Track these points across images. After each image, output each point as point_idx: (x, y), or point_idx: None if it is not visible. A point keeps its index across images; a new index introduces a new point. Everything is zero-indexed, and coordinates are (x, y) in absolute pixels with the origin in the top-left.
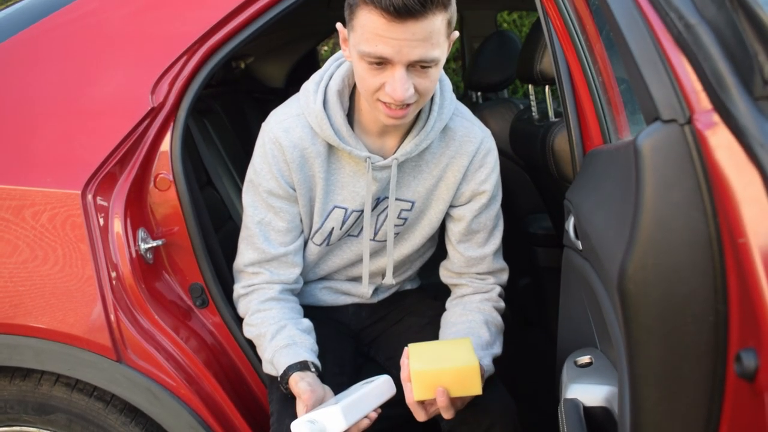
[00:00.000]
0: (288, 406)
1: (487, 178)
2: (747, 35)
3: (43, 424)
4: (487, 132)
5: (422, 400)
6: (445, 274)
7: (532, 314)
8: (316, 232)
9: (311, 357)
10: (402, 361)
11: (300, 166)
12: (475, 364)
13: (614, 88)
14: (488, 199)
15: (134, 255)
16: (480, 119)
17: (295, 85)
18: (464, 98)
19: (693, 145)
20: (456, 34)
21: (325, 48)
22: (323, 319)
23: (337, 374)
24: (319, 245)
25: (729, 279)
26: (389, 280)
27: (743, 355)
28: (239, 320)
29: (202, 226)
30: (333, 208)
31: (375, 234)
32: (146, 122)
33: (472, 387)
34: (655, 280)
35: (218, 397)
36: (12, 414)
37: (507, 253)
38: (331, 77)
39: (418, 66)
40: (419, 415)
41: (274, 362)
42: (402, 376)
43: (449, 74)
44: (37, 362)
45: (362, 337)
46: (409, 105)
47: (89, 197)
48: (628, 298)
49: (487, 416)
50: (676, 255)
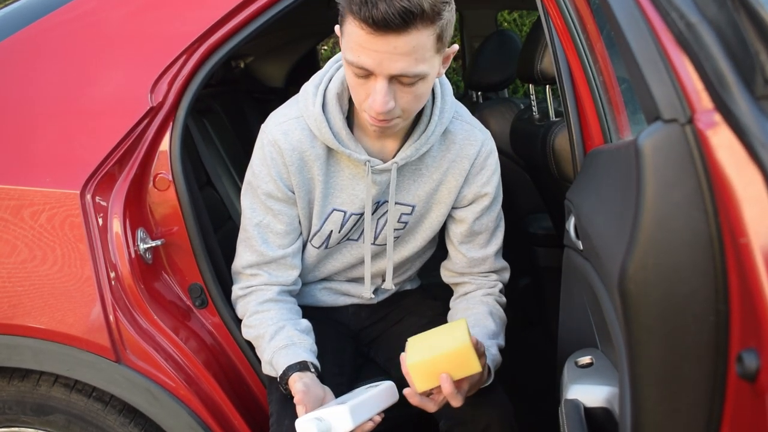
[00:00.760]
0: (288, 406)
1: (489, 180)
2: (748, 34)
3: (42, 424)
4: (488, 134)
5: (427, 390)
6: (447, 275)
7: (532, 314)
8: (315, 234)
9: (310, 357)
10: (401, 356)
11: (299, 169)
12: (467, 343)
13: (615, 88)
14: (490, 201)
15: (133, 255)
16: (480, 119)
17: (294, 85)
18: (464, 98)
19: (694, 145)
20: (455, 47)
21: (325, 48)
22: (323, 319)
23: (336, 374)
24: (318, 248)
25: (730, 279)
26: (389, 284)
27: (744, 356)
28: (238, 321)
29: (201, 226)
30: (332, 211)
31: (375, 238)
32: (145, 122)
33: (470, 366)
34: (655, 280)
35: (218, 398)
36: (10, 415)
37: (507, 253)
38: (330, 80)
39: (402, 79)
40: (429, 407)
41: (273, 363)
42: (403, 371)
43: (449, 74)
44: (36, 363)
45: (362, 338)
46: (392, 118)
47: (88, 197)
48: (628, 298)
49: (485, 417)
50: (677, 255)
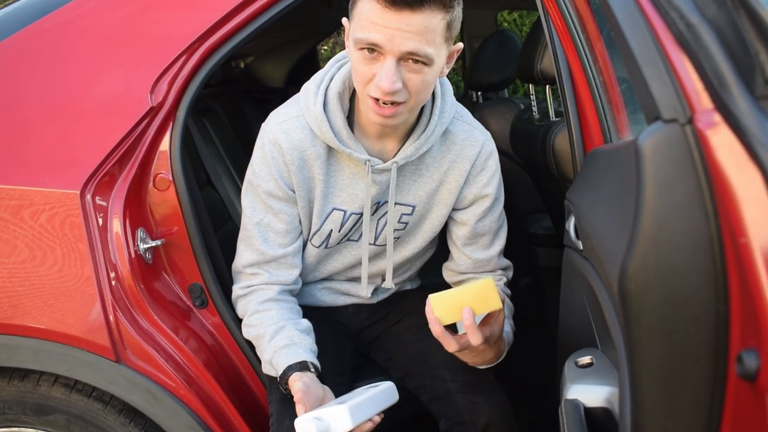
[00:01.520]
0: (288, 406)
1: (489, 181)
2: (748, 34)
3: (42, 424)
4: (488, 135)
5: (447, 324)
6: (450, 275)
7: (532, 314)
8: (315, 233)
9: (310, 357)
10: (426, 311)
11: (299, 168)
12: (488, 279)
13: (615, 88)
14: (491, 203)
15: (133, 255)
16: (480, 119)
17: (294, 84)
18: (464, 98)
19: (694, 145)
20: (460, 46)
21: (325, 48)
22: (323, 319)
23: (336, 374)
24: (318, 247)
25: (730, 279)
26: (389, 284)
27: (744, 356)
28: (239, 321)
29: (201, 226)
30: (332, 210)
31: (375, 238)
32: (145, 122)
33: (491, 302)
34: (655, 281)
35: (218, 398)
36: (10, 415)
37: (507, 253)
38: (332, 79)
39: (410, 61)
40: (449, 343)
41: (273, 363)
42: (432, 328)
43: (449, 74)
44: (36, 363)
45: (362, 338)
46: (397, 104)
47: (88, 197)
48: (628, 299)
49: (484, 417)
50: (677, 255)
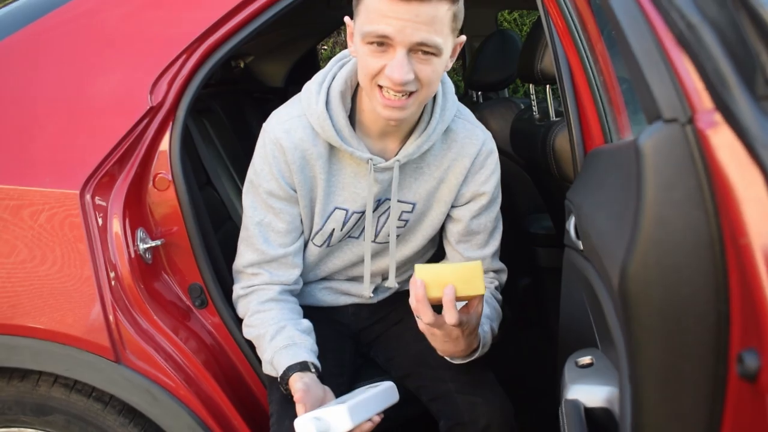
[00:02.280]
0: (288, 406)
1: (488, 179)
2: (749, 35)
3: (42, 425)
4: (488, 134)
5: (429, 298)
6: None
7: (532, 314)
8: (317, 233)
9: (311, 357)
10: (411, 281)
11: (301, 168)
12: (478, 264)
13: (615, 88)
14: (488, 201)
15: (133, 255)
16: (480, 119)
17: (294, 84)
18: (464, 98)
19: (695, 145)
20: (463, 38)
21: (325, 48)
22: (323, 319)
23: (336, 375)
24: (320, 246)
25: (730, 279)
26: (392, 282)
27: (745, 356)
28: (239, 321)
29: (201, 226)
30: (334, 210)
31: (376, 235)
32: (145, 122)
33: (475, 285)
34: (656, 281)
35: (217, 398)
36: (10, 415)
37: (507, 253)
38: (333, 78)
39: (419, 52)
40: (426, 315)
41: (273, 363)
42: (412, 293)
43: (450, 74)
44: (35, 363)
45: (362, 338)
46: (407, 96)
47: (88, 197)
48: (629, 299)
49: (484, 417)
50: (678, 255)
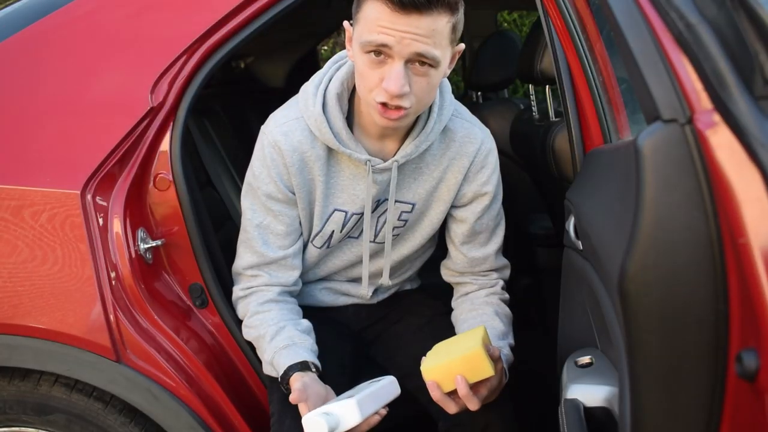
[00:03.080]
0: (289, 406)
1: (489, 179)
2: (747, 35)
3: (42, 424)
4: (487, 132)
5: (446, 392)
6: (448, 273)
7: (532, 314)
8: (317, 235)
9: (311, 357)
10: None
11: (299, 170)
12: (478, 348)
13: (615, 88)
14: (490, 200)
15: (134, 255)
16: (480, 119)
17: (295, 85)
18: (464, 98)
19: (694, 145)
20: (461, 47)
21: (325, 48)
22: (323, 319)
23: (337, 374)
24: (320, 248)
25: (729, 279)
26: (386, 281)
27: (744, 356)
28: (239, 321)
29: (201, 226)
30: (333, 212)
31: (375, 236)
32: (146, 122)
33: (482, 370)
34: (655, 281)
35: (218, 398)
36: (11, 414)
37: (507, 253)
38: (330, 80)
39: (417, 63)
40: (449, 407)
41: (273, 363)
42: (431, 393)
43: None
44: (36, 362)
45: (362, 338)
46: (403, 108)
47: (88, 197)
48: (628, 298)
49: (483, 417)
50: (677, 255)
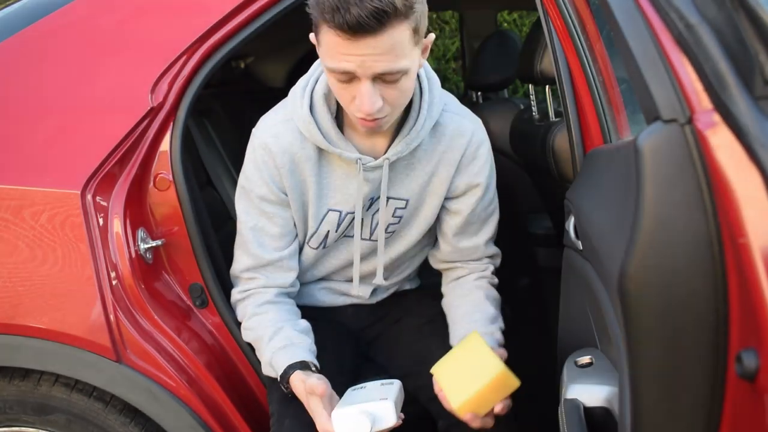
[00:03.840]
0: (288, 406)
1: (481, 170)
2: (747, 35)
3: (43, 424)
4: (478, 123)
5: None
6: (435, 261)
7: (532, 314)
8: (312, 236)
9: (310, 357)
10: (437, 391)
11: (291, 172)
12: (502, 370)
13: (615, 88)
14: (483, 191)
15: (134, 255)
16: (480, 119)
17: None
18: (464, 98)
19: (693, 145)
20: (432, 36)
21: None
22: (322, 319)
23: (336, 374)
24: (316, 249)
25: (729, 279)
26: (379, 280)
27: (744, 356)
28: (239, 321)
29: (201, 226)
30: (327, 212)
31: (371, 234)
32: (146, 122)
33: (510, 386)
34: (655, 281)
35: (218, 398)
36: (11, 414)
37: (507, 253)
38: (317, 81)
39: (385, 78)
40: (490, 424)
41: (273, 364)
42: (446, 406)
43: (449, 74)
44: (37, 362)
45: (361, 338)
46: (380, 118)
47: (89, 197)
48: (628, 298)
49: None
50: (677, 255)
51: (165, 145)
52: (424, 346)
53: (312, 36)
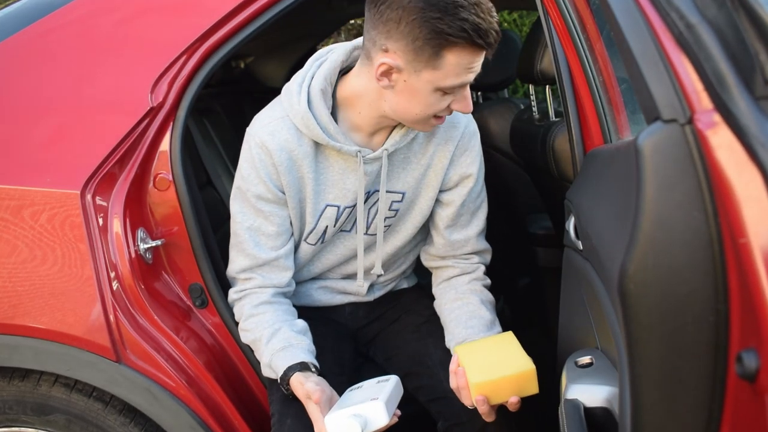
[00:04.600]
0: (289, 406)
1: (473, 161)
2: (748, 35)
3: (42, 424)
4: (469, 116)
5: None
6: (428, 258)
7: (532, 314)
8: (311, 232)
9: (309, 358)
10: (453, 368)
11: (288, 169)
12: (531, 369)
13: (615, 88)
14: (474, 182)
15: (133, 255)
16: (480, 119)
17: None
18: None
19: (694, 145)
20: None
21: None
22: (320, 319)
23: (337, 374)
24: (314, 245)
25: (730, 279)
26: (378, 270)
27: (744, 356)
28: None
29: (201, 226)
30: (325, 207)
31: (367, 227)
32: (146, 122)
33: (530, 388)
34: (655, 280)
35: (218, 398)
36: (11, 414)
37: (507, 253)
38: (313, 77)
39: None
40: (492, 418)
41: (272, 366)
42: (453, 384)
43: None
44: (36, 362)
45: (360, 337)
46: None
47: (88, 197)
48: (628, 298)
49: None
50: (677, 255)
51: (165, 145)
52: (422, 346)
53: (388, 59)
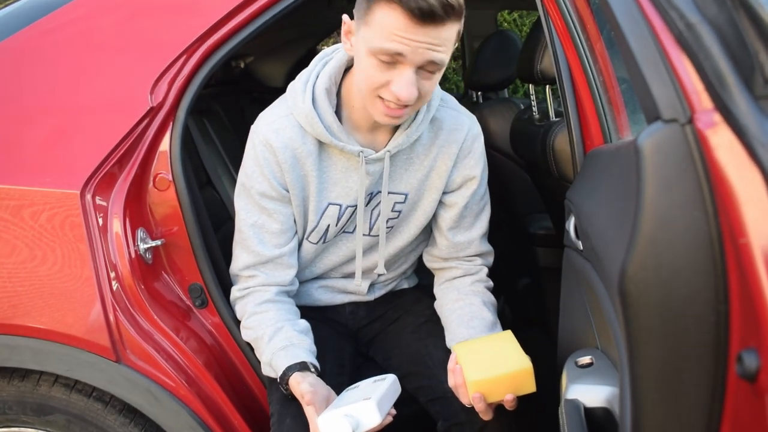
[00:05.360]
0: (288, 406)
1: (477, 163)
2: (748, 34)
3: (42, 424)
4: (473, 118)
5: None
6: (431, 259)
7: (532, 314)
8: (313, 230)
9: (310, 358)
10: (451, 366)
11: (292, 167)
12: (528, 367)
13: (615, 88)
14: (477, 184)
15: (133, 255)
16: (480, 119)
17: None
18: (464, 98)
19: (694, 145)
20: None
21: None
22: (321, 319)
23: (337, 374)
24: (316, 244)
25: (730, 279)
26: (381, 269)
27: (744, 356)
28: (239, 321)
29: (201, 226)
30: (327, 206)
31: (370, 229)
32: (145, 122)
33: (527, 386)
34: (655, 281)
35: (218, 398)
36: (11, 415)
37: (507, 253)
38: (318, 76)
39: (426, 69)
40: (489, 417)
41: (272, 364)
42: (451, 383)
43: (449, 74)
44: (36, 363)
45: (360, 337)
46: (407, 106)
47: (88, 197)
48: (628, 299)
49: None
50: (677, 255)
51: (165, 145)
52: (422, 346)
53: (345, 17)
